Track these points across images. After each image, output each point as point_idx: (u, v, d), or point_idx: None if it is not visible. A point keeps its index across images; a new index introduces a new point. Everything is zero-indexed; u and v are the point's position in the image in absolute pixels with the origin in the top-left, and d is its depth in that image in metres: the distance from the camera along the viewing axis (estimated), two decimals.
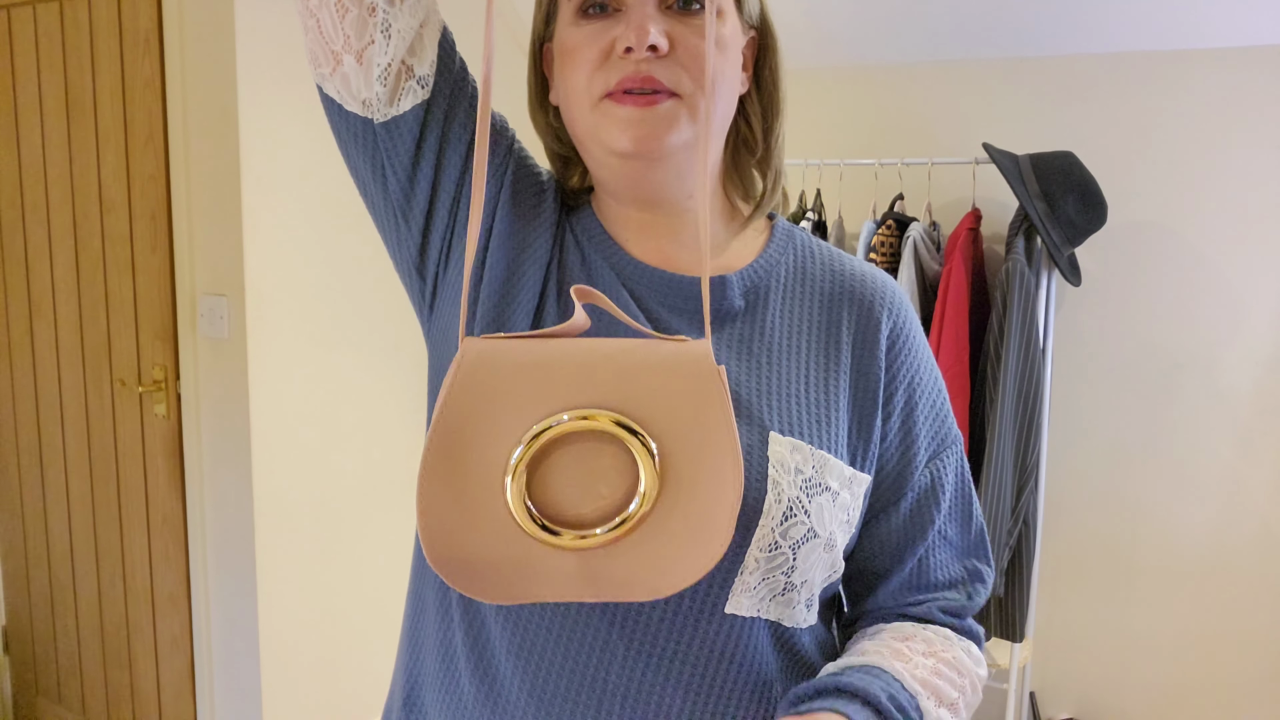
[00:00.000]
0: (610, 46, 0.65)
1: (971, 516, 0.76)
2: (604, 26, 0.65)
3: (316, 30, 0.67)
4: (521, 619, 0.67)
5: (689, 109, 0.65)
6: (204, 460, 2.04)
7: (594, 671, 0.65)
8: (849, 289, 0.74)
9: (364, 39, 0.65)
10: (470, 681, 0.69)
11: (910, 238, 2.10)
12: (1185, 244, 2.18)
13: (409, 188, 0.71)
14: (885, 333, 0.73)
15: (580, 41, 0.66)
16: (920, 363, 0.75)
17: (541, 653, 0.66)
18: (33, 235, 2.24)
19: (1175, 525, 2.24)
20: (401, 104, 0.68)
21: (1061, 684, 2.40)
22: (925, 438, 0.74)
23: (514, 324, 0.70)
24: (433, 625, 0.73)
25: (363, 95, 0.68)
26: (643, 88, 0.64)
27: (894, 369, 0.73)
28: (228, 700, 2.10)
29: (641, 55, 0.63)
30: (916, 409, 0.73)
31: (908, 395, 0.73)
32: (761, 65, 0.74)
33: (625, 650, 0.65)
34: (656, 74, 0.64)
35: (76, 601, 2.34)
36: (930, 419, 0.74)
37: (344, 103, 0.69)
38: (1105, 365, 2.27)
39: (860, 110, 2.46)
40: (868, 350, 0.72)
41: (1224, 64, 2.10)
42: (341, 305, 2.12)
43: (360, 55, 0.66)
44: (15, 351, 2.34)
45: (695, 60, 0.64)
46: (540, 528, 0.53)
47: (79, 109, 2.09)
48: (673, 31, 0.64)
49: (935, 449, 0.74)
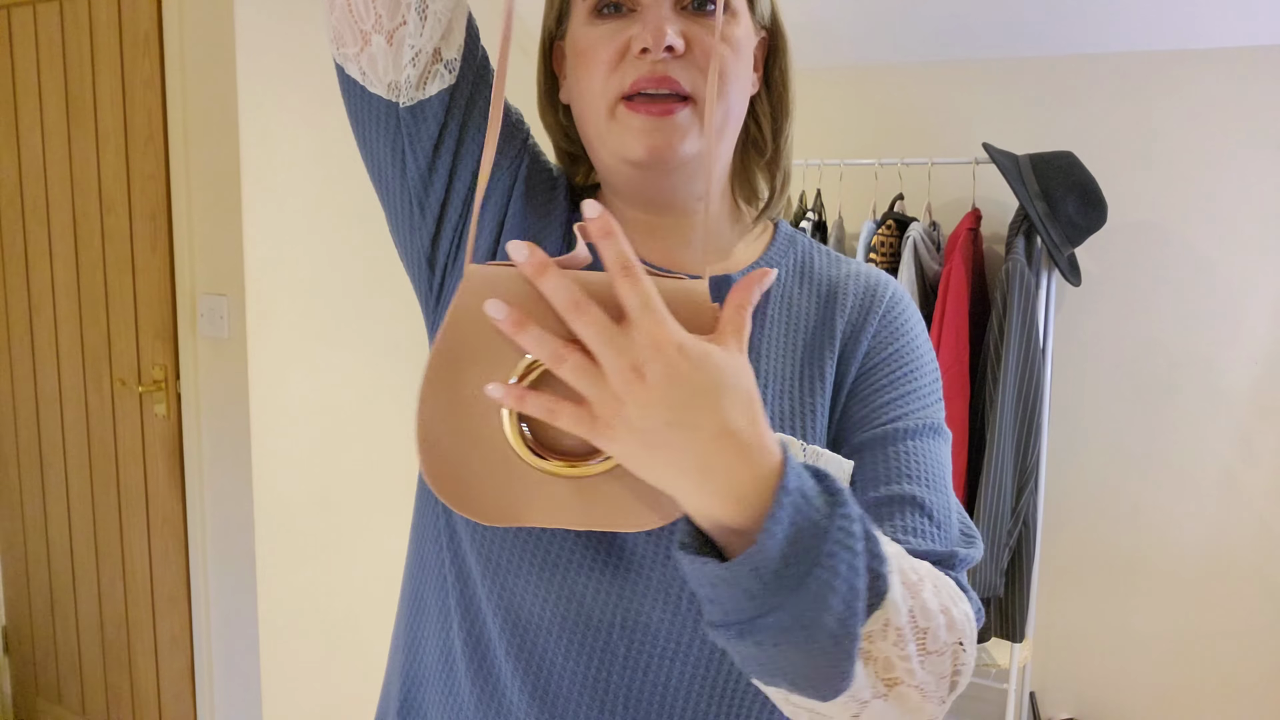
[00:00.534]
0: (626, 46, 0.65)
1: (948, 501, 0.66)
2: (619, 26, 0.65)
3: (346, 7, 0.64)
4: (521, 620, 0.67)
5: (702, 115, 0.65)
6: (204, 460, 2.04)
7: (595, 673, 0.65)
8: (847, 287, 0.73)
9: (396, 19, 0.64)
10: (470, 684, 0.69)
11: (910, 238, 2.10)
12: (1185, 244, 2.18)
13: (428, 175, 0.70)
14: (878, 315, 0.71)
15: (595, 41, 0.66)
16: (912, 341, 0.71)
17: (542, 655, 0.66)
18: (33, 235, 2.24)
19: (1175, 525, 2.24)
20: (429, 88, 0.67)
21: (1061, 684, 2.40)
22: (900, 398, 0.68)
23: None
24: (432, 627, 0.73)
25: (390, 78, 0.66)
26: (659, 89, 0.64)
27: (879, 339, 0.70)
28: (228, 700, 2.10)
29: (658, 56, 0.63)
30: (896, 370, 0.69)
31: (888, 358, 0.69)
32: (772, 66, 0.74)
33: (626, 651, 0.65)
34: (673, 74, 0.64)
35: (76, 601, 2.33)
36: (911, 384, 0.69)
37: (368, 85, 0.67)
38: (1105, 365, 2.27)
39: (860, 110, 2.46)
40: (858, 332, 0.71)
41: (1224, 64, 2.10)
42: (341, 305, 2.12)
43: (391, 35, 0.64)
44: (15, 351, 2.34)
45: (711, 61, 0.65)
46: (534, 454, 0.54)
47: (79, 109, 2.09)
48: (688, 32, 0.64)
49: (909, 412, 0.67)
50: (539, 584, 0.66)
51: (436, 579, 0.72)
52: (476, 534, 0.68)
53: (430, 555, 0.74)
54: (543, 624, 0.66)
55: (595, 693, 0.65)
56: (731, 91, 0.67)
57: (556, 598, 0.66)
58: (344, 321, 2.14)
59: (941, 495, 0.65)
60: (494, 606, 0.68)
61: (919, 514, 0.63)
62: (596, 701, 0.65)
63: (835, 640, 0.47)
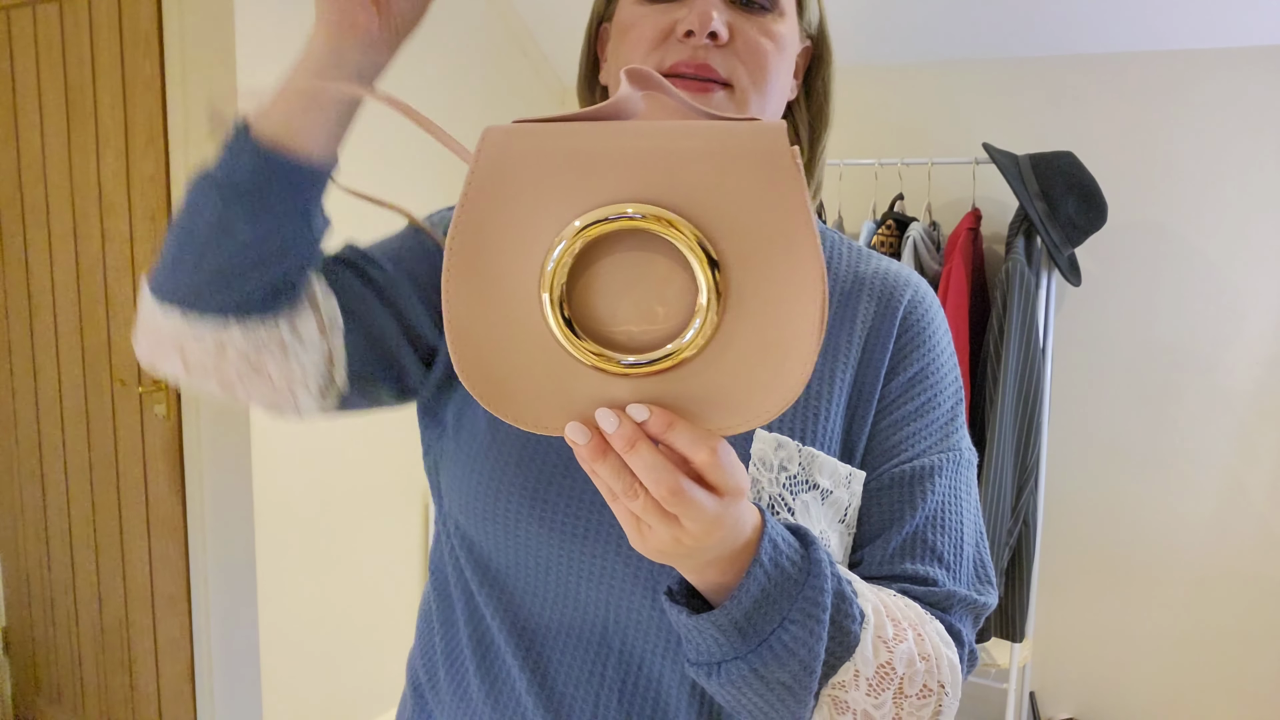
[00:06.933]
0: (671, 28, 0.65)
1: (963, 535, 0.67)
2: (668, 8, 0.66)
3: (269, 388, 0.62)
4: (520, 620, 0.68)
5: (739, 103, 0.65)
6: (204, 460, 2.03)
7: (591, 668, 0.66)
8: (870, 284, 0.71)
9: (292, 371, 0.61)
10: (479, 681, 0.70)
11: (910, 238, 2.10)
12: (1185, 244, 2.18)
13: (428, 380, 0.70)
14: (900, 317, 0.70)
15: (641, 18, 0.66)
16: (936, 355, 0.70)
17: (541, 653, 0.67)
18: (33, 235, 2.24)
19: (1175, 525, 2.24)
20: (363, 383, 0.66)
21: (1061, 684, 2.40)
22: (922, 428, 0.68)
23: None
24: (447, 622, 0.74)
25: (327, 393, 0.64)
26: (697, 74, 0.64)
27: (903, 349, 0.69)
28: (228, 701, 2.10)
29: (702, 40, 0.63)
30: (919, 395, 0.68)
31: (913, 380, 0.68)
32: (814, 76, 0.74)
33: (620, 647, 0.66)
34: (713, 62, 0.64)
35: (76, 602, 2.33)
36: (933, 413, 0.69)
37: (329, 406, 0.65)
38: (1105, 365, 2.27)
39: (860, 110, 2.46)
40: (881, 338, 0.69)
41: (1225, 64, 2.10)
42: None
43: (295, 384, 0.62)
44: (15, 351, 2.34)
45: (753, 53, 0.65)
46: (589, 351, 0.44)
47: (79, 109, 2.09)
48: (734, 23, 0.65)
49: (930, 446, 0.68)
50: (537, 584, 0.67)
51: (453, 574, 0.73)
52: (479, 533, 0.68)
53: (445, 553, 0.75)
54: (541, 623, 0.67)
55: (591, 688, 0.66)
56: (770, 85, 0.67)
57: (554, 597, 0.66)
58: None
59: (955, 536, 0.66)
60: (495, 607, 0.69)
61: (929, 558, 0.65)
62: (592, 696, 0.66)
63: (790, 691, 0.54)
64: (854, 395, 0.68)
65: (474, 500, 0.67)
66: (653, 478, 0.44)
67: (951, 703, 0.60)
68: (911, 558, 0.65)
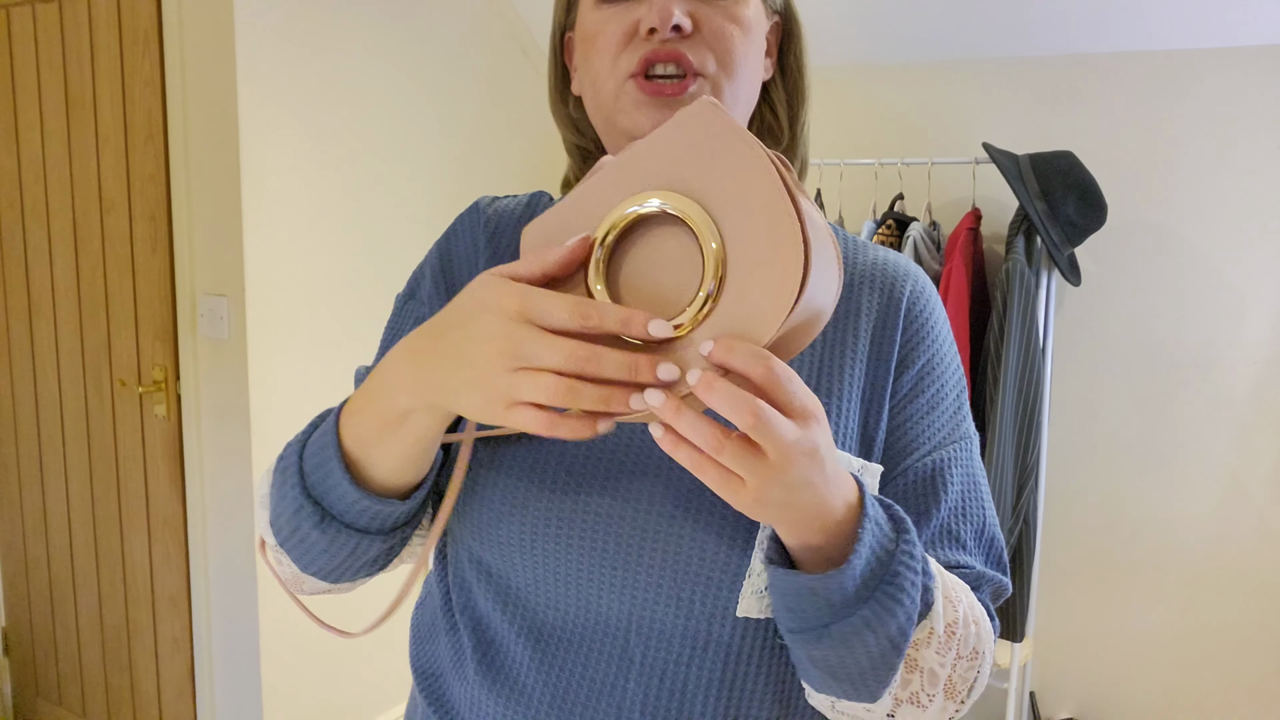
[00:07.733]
0: (633, 28, 0.65)
1: (984, 521, 0.70)
2: (626, 8, 0.65)
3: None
4: (535, 626, 0.66)
5: (714, 92, 0.65)
6: (204, 461, 2.03)
7: (613, 680, 0.65)
8: (870, 275, 0.71)
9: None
10: (489, 690, 0.68)
11: (910, 238, 2.10)
12: (1185, 244, 2.18)
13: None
14: (904, 309, 0.70)
15: (602, 23, 0.66)
16: (939, 346, 0.71)
17: (562, 664, 0.66)
18: (33, 235, 2.24)
19: (1175, 524, 2.24)
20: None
21: (1061, 684, 2.40)
22: (934, 421, 0.69)
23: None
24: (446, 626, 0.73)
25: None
26: (668, 65, 0.64)
27: (910, 342, 0.70)
28: (228, 701, 2.10)
29: (665, 35, 0.63)
30: (928, 389, 0.70)
31: (920, 373, 0.70)
32: (786, 52, 0.73)
33: (643, 657, 0.64)
34: (684, 49, 0.64)
35: (76, 603, 2.33)
36: (942, 404, 0.70)
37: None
38: (1105, 365, 2.27)
39: (860, 110, 2.46)
40: (888, 331, 0.69)
41: (1225, 64, 2.10)
42: (341, 305, 2.12)
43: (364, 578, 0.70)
44: (15, 351, 2.34)
45: (719, 40, 0.64)
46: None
47: (79, 109, 2.09)
48: (696, 12, 0.64)
49: (944, 438, 0.69)
50: (555, 594, 0.65)
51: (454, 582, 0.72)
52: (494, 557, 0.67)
53: (448, 556, 0.74)
54: (561, 634, 0.66)
55: (613, 699, 0.65)
56: (740, 72, 0.66)
57: (574, 607, 0.65)
58: (344, 322, 2.13)
59: (977, 522, 0.70)
60: (510, 617, 0.67)
61: (955, 546, 0.68)
62: (614, 708, 0.65)
63: (893, 643, 0.55)
64: (868, 389, 0.68)
65: (488, 526, 0.66)
66: (735, 406, 0.45)
67: (986, 671, 0.64)
68: (940, 549, 0.67)
